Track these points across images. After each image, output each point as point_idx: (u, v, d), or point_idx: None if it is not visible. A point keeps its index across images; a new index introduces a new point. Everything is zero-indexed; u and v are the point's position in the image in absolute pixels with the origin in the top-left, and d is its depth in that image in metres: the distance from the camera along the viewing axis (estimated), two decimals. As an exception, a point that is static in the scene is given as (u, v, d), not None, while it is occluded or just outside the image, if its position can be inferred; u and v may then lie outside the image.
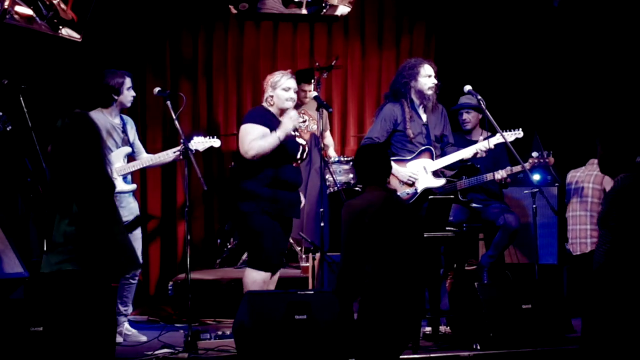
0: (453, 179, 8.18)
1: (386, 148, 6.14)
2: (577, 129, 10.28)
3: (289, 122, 7.24)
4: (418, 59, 8.25)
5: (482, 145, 8.07)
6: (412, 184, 7.97)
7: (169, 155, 7.76)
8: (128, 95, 7.72)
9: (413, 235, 5.83)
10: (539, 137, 9.28)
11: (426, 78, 8.06)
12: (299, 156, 7.42)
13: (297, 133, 7.53)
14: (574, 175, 8.78)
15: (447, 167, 8.25)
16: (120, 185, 7.50)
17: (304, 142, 7.52)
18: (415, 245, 5.79)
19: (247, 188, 7.32)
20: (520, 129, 8.19)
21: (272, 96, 7.43)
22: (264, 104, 7.52)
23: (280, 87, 7.40)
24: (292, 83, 7.46)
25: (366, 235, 5.72)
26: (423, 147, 8.07)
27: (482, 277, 8.28)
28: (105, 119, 7.63)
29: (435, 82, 8.10)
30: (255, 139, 7.22)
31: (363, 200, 5.83)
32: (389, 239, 5.70)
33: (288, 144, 7.30)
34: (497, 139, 8.12)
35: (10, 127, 7.61)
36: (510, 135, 8.11)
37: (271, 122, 7.33)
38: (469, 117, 8.70)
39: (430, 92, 8.08)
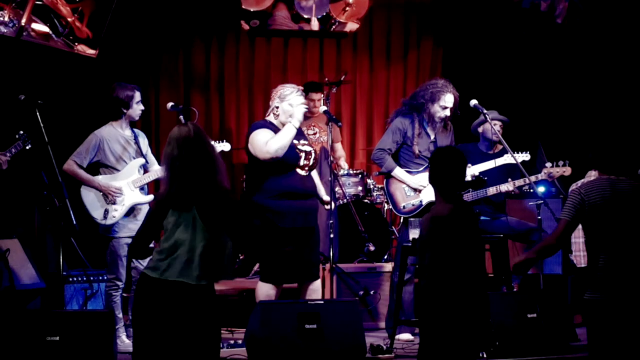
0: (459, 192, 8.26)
1: (462, 155, 5.86)
2: (580, 140, 10.37)
3: (299, 110, 7.25)
4: (445, 85, 8.11)
5: (477, 170, 8.17)
6: (420, 192, 8.02)
7: None
8: (137, 109, 7.81)
9: (477, 245, 5.70)
10: (542, 149, 9.37)
11: (441, 108, 8.05)
12: (302, 163, 7.37)
13: (302, 141, 7.47)
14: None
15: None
16: (139, 196, 7.62)
17: (309, 149, 7.45)
18: (478, 254, 5.68)
19: (256, 201, 7.33)
20: (528, 152, 8.28)
21: (277, 107, 7.39)
22: (268, 116, 7.50)
23: (287, 102, 7.34)
24: (298, 100, 7.38)
25: (445, 244, 5.57)
26: (430, 162, 8.09)
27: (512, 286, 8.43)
28: (117, 132, 7.73)
29: (448, 114, 8.09)
30: (270, 139, 7.20)
31: (438, 211, 5.64)
32: (459, 249, 5.56)
33: (287, 153, 7.26)
34: (504, 159, 8.21)
35: (30, 146, 7.75)
36: (518, 158, 8.17)
37: (272, 130, 7.32)
38: (501, 131, 8.71)
39: (437, 121, 8.09)
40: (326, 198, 7.74)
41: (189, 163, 5.15)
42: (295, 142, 7.38)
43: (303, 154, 7.39)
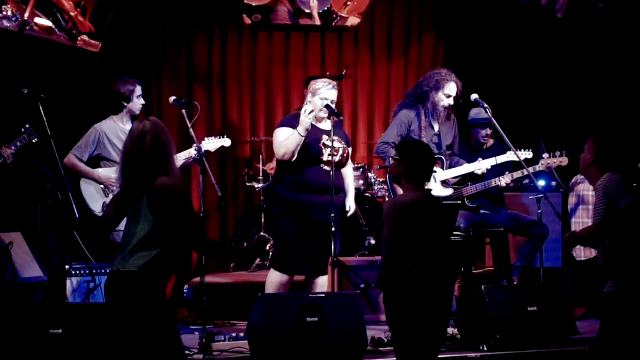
0: (458, 185, 8.28)
1: (431, 150, 6.02)
2: (580, 134, 10.38)
3: (305, 118, 7.25)
4: (449, 73, 8.20)
5: (489, 164, 8.21)
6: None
7: (180, 157, 7.88)
8: (137, 103, 7.84)
9: (446, 236, 5.83)
10: (542, 142, 9.38)
11: (444, 97, 8.10)
12: (325, 158, 7.40)
13: (334, 137, 7.40)
14: (576, 182, 8.90)
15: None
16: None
17: (336, 145, 7.44)
18: (446, 246, 5.77)
19: (276, 192, 7.49)
20: (530, 150, 8.31)
21: (310, 102, 7.46)
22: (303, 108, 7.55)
23: (319, 96, 7.43)
24: (330, 94, 7.45)
25: (410, 231, 5.68)
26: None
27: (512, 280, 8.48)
28: (117, 126, 7.77)
29: (451, 102, 8.13)
30: (283, 140, 7.34)
31: (406, 198, 5.77)
32: (429, 237, 5.66)
33: (309, 147, 7.36)
34: (507, 156, 8.22)
35: (36, 139, 7.78)
36: (520, 155, 8.17)
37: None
38: (489, 133, 8.75)
39: (440, 110, 8.12)
40: (348, 203, 7.82)
41: (136, 157, 5.26)
42: (325, 137, 7.45)
43: (328, 150, 7.40)
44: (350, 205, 7.85)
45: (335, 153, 7.41)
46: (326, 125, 7.51)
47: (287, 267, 7.44)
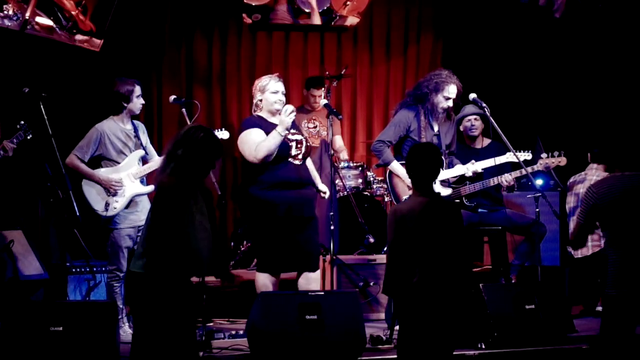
0: (457, 184, 8.30)
1: (438, 151, 6.05)
2: (578, 133, 10.41)
3: (286, 117, 7.24)
4: (449, 75, 8.20)
5: (480, 166, 8.24)
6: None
7: None
8: (137, 103, 7.86)
9: (456, 238, 5.78)
10: (540, 142, 9.41)
11: (444, 99, 8.11)
12: (293, 153, 7.40)
13: (292, 130, 7.46)
14: (574, 181, 8.93)
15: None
16: (139, 187, 7.68)
17: (299, 138, 7.48)
18: (458, 247, 5.75)
19: (251, 193, 7.41)
20: (530, 151, 8.34)
21: (261, 100, 7.50)
22: (253, 110, 7.60)
23: (269, 91, 7.46)
24: (279, 86, 7.50)
25: (410, 239, 5.64)
26: (433, 157, 8.07)
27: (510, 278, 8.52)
28: (117, 126, 7.78)
29: (450, 104, 8.16)
30: (260, 142, 7.29)
31: (406, 206, 5.75)
32: (431, 243, 5.64)
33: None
34: (506, 157, 8.26)
35: (30, 136, 7.81)
36: (520, 157, 8.20)
37: (263, 125, 7.40)
38: (478, 124, 8.81)
39: (440, 112, 8.15)
40: (322, 187, 7.77)
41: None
42: (287, 131, 7.41)
43: (294, 144, 7.42)
44: (322, 186, 7.80)
45: (301, 145, 7.44)
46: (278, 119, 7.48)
47: (271, 267, 7.41)
